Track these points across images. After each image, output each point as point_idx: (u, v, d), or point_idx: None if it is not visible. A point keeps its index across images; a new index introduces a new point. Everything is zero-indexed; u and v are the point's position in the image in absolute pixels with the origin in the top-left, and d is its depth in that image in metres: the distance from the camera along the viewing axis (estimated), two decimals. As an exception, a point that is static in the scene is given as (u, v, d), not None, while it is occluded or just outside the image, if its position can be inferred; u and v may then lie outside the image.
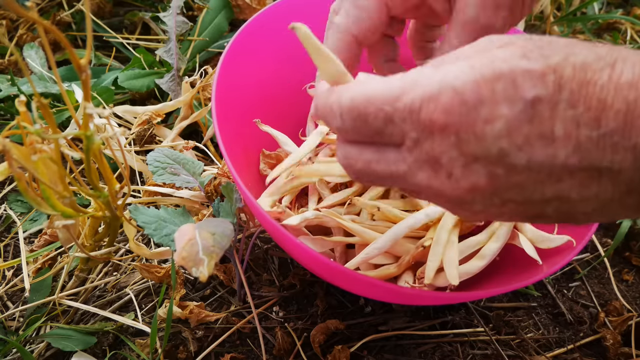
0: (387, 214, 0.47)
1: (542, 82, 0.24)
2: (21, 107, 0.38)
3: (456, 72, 0.26)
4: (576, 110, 0.24)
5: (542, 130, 0.25)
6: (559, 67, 0.24)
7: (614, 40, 0.98)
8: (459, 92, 0.25)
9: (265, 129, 0.53)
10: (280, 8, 0.56)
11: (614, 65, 0.24)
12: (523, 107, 0.24)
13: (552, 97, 0.24)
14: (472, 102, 0.25)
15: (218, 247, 0.37)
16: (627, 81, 0.24)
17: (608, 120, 0.24)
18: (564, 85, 0.24)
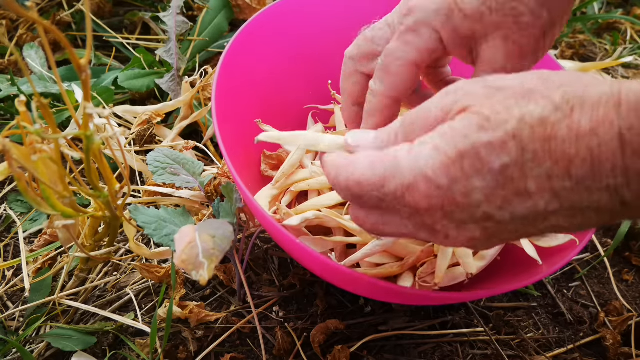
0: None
1: (504, 150, 0.26)
2: (21, 107, 0.38)
3: (426, 158, 0.28)
4: (543, 166, 0.26)
5: (517, 189, 0.27)
6: (517, 131, 0.26)
7: (614, 40, 0.98)
8: (432, 179, 0.28)
9: (266, 129, 0.53)
10: (280, 8, 0.56)
11: (572, 114, 0.25)
12: (493, 176, 0.27)
13: (518, 160, 0.26)
14: (446, 184, 0.27)
15: (218, 250, 0.37)
16: (586, 130, 0.25)
17: (577, 170, 0.25)
18: (526, 147, 0.26)
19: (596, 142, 0.25)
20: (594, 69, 0.88)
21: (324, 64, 0.61)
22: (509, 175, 0.26)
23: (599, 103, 0.25)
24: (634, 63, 0.94)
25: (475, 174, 0.27)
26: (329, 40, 0.60)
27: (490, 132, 0.26)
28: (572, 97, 0.26)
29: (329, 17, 0.60)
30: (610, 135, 0.24)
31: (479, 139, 0.27)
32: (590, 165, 0.25)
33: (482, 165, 0.27)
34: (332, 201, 0.49)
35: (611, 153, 0.24)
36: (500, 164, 0.26)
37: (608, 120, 0.24)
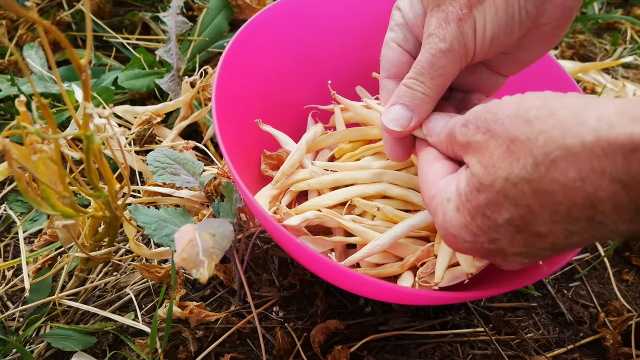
0: (388, 214, 0.47)
1: (502, 208, 0.29)
2: (21, 107, 0.38)
3: (451, 220, 0.33)
4: (543, 216, 0.28)
5: (532, 233, 0.29)
6: (506, 192, 0.29)
7: (614, 40, 0.98)
8: (457, 237, 0.33)
9: (266, 129, 0.53)
10: (280, 8, 0.56)
11: (555, 167, 0.26)
12: (504, 228, 0.30)
13: (517, 214, 0.29)
14: (471, 239, 0.32)
15: (218, 249, 0.37)
16: (576, 180, 0.26)
17: (579, 213, 0.26)
18: (519, 203, 0.28)
19: (591, 188, 0.25)
20: (594, 69, 0.88)
21: (324, 63, 0.61)
22: (517, 225, 0.29)
23: (584, 151, 0.25)
24: (634, 63, 0.94)
25: (490, 229, 0.31)
26: (329, 40, 0.60)
27: (485, 194, 0.30)
28: (554, 147, 0.26)
29: (329, 17, 0.60)
30: (606, 181, 0.25)
31: (479, 201, 0.30)
32: (592, 208, 0.26)
33: (491, 222, 0.30)
34: (332, 201, 0.49)
35: (612, 194, 0.25)
36: (504, 219, 0.29)
37: (597, 167, 0.25)
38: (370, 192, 0.49)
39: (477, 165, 0.31)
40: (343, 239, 0.47)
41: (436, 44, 0.37)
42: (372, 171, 0.49)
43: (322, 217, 0.47)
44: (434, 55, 0.37)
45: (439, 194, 0.34)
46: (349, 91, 0.60)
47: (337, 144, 0.56)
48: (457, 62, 0.38)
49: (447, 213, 0.33)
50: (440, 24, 0.37)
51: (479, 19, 0.36)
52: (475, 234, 0.31)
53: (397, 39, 0.42)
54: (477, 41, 0.37)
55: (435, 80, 0.38)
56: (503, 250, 0.32)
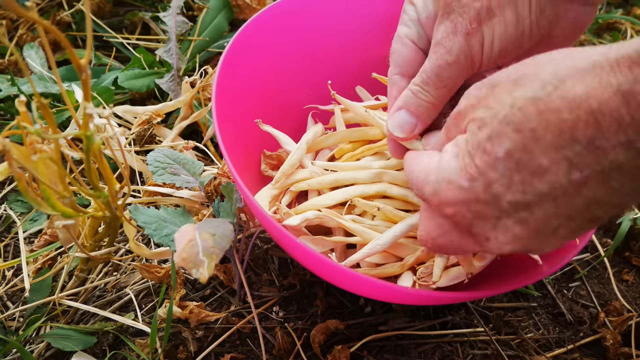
0: (388, 214, 0.47)
1: (503, 138, 0.28)
2: (21, 107, 0.38)
3: (446, 162, 0.31)
4: (546, 140, 0.27)
5: (531, 169, 0.27)
6: (509, 117, 0.27)
7: (614, 40, 0.98)
8: (453, 181, 0.31)
9: (266, 129, 0.53)
10: (280, 8, 0.56)
11: (563, 85, 0.26)
12: (503, 164, 0.28)
13: (519, 143, 0.27)
14: (467, 185, 0.30)
15: (218, 248, 0.37)
16: (582, 95, 0.25)
17: (582, 133, 0.26)
18: (522, 128, 0.27)
19: (595, 103, 0.25)
20: (594, 69, 0.88)
21: (324, 64, 0.61)
22: (517, 159, 0.27)
23: (593, 68, 0.25)
24: (634, 63, 0.94)
25: (488, 168, 0.29)
26: (329, 40, 0.60)
27: (487, 127, 0.28)
28: (562, 69, 0.26)
29: (329, 17, 0.60)
30: (609, 93, 0.24)
31: (480, 137, 0.29)
32: (595, 126, 0.25)
33: (490, 158, 0.28)
34: (332, 201, 0.49)
35: (615, 108, 0.24)
36: (504, 150, 0.28)
37: (604, 80, 0.25)
38: (370, 192, 0.49)
39: (480, 110, 0.30)
40: (343, 239, 0.47)
41: (442, 55, 0.37)
42: (372, 171, 0.49)
43: (322, 217, 0.47)
44: (440, 67, 0.37)
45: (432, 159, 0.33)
46: (348, 91, 0.60)
47: (337, 144, 0.56)
48: (462, 74, 0.38)
49: (442, 164, 0.32)
50: (448, 35, 0.37)
51: (488, 34, 0.36)
52: (472, 177, 0.29)
53: (411, 35, 0.42)
54: (484, 55, 0.37)
55: (440, 90, 0.39)
56: (498, 200, 0.29)
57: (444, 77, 0.38)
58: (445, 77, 0.38)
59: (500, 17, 0.35)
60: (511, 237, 0.30)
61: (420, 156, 0.35)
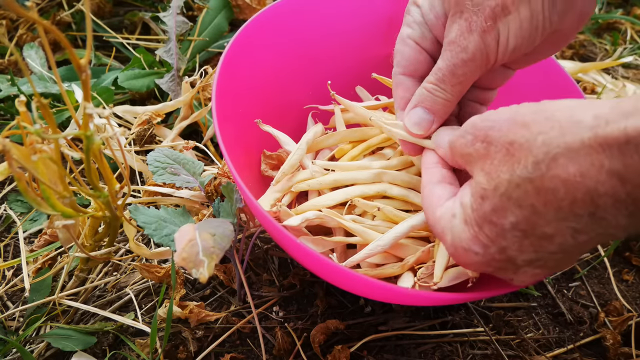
0: (388, 214, 0.47)
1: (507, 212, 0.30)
2: (21, 107, 0.38)
3: (459, 233, 0.33)
4: (548, 215, 0.29)
5: (538, 235, 0.29)
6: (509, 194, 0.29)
7: (614, 40, 0.98)
8: (468, 250, 0.33)
9: (267, 129, 0.53)
10: (280, 8, 0.56)
11: (556, 165, 0.27)
12: (511, 233, 0.30)
13: (522, 216, 0.29)
14: (481, 251, 0.32)
15: (218, 248, 0.37)
16: (576, 176, 0.26)
17: (582, 209, 0.27)
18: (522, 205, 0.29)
19: (591, 183, 0.26)
20: (594, 69, 0.88)
21: (324, 64, 0.61)
22: (523, 228, 0.29)
23: (583, 148, 0.26)
24: (634, 63, 0.94)
25: (498, 237, 0.31)
26: (329, 40, 0.60)
27: (490, 200, 0.30)
28: (554, 146, 0.27)
29: (329, 17, 0.60)
30: (603, 175, 0.25)
31: (485, 208, 0.31)
32: (592, 203, 0.26)
33: (498, 229, 0.30)
34: (332, 201, 0.49)
35: (610, 188, 0.26)
36: (510, 223, 0.30)
37: (596, 162, 0.26)
38: (371, 193, 0.49)
39: (479, 173, 0.31)
40: (343, 239, 0.47)
41: (458, 53, 0.37)
42: (373, 171, 0.49)
43: (323, 217, 0.46)
44: (455, 65, 0.38)
45: (445, 213, 0.35)
46: (349, 91, 0.60)
47: (337, 145, 0.56)
48: (477, 71, 0.38)
49: (454, 229, 0.34)
50: (463, 33, 0.37)
51: (503, 31, 0.36)
52: (485, 245, 0.32)
53: (414, 36, 0.42)
54: (500, 51, 0.37)
55: (455, 87, 0.39)
56: (513, 260, 0.32)
57: (459, 74, 0.38)
58: (461, 75, 0.38)
59: (515, 14, 0.36)
60: (531, 276, 0.33)
61: (433, 201, 0.37)
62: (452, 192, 0.37)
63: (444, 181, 0.38)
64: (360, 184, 0.50)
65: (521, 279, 0.34)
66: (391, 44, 0.52)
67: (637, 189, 0.25)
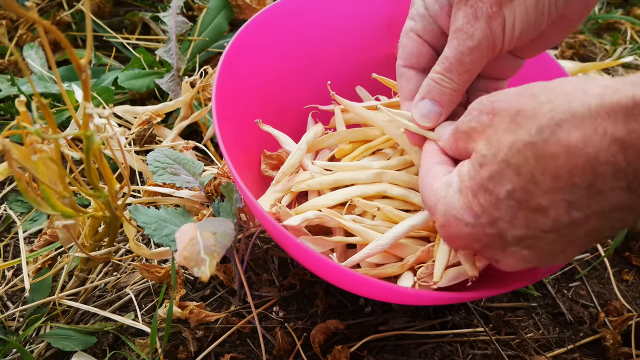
0: (388, 214, 0.47)
1: (504, 179, 0.29)
2: (21, 107, 0.38)
3: (453, 201, 0.33)
4: (545, 184, 0.28)
5: (533, 207, 0.29)
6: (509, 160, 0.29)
7: (614, 40, 0.98)
8: (459, 218, 0.32)
9: (267, 129, 0.53)
10: (280, 8, 0.56)
11: (559, 130, 0.27)
12: (505, 203, 0.29)
13: (519, 184, 0.28)
14: (472, 221, 0.32)
15: (219, 247, 0.37)
16: (578, 142, 0.26)
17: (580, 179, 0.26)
18: (521, 171, 0.28)
19: (592, 150, 0.26)
20: (594, 69, 0.88)
21: (324, 64, 0.61)
22: (519, 199, 0.29)
23: (589, 114, 0.26)
24: (634, 63, 0.94)
25: (491, 206, 0.30)
26: (329, 40, 0.60)
27: (488, 166, 0.30)
28: (559, 112, 0.27)
29: (329, 17, 0.60)
30: (605, 142, 0.25)
31: (482, 176, 0.30)
32: (593, 172, 0.26)
33: (492, 197, 0.30)
34: (332, 201, 0.49)
35: (611, 156, 0.25)
36: (506, 191, 0.29)
37: (600, 128, 0.25)
38: (371, 193, 0.49)
39: (481, 142, 0.31)
40: (343, 239, 0.47)
41: (464, 40, 0.37)
42: (373, 171, 0.49)
43: (323, 217, 0.46)
44: (462, 53, 0.37)
45: (441, 186, 0.34)
46: (349, 91, 0.60)
47: (337, 145, 0.56)
48: (484, 58, 0.38)
49: (448, 197, 0.33)
50: (469, 21, 0.37)
51: (509, 16, 0.36)
52: (477, 214, 0.31)
53: (417, 29, 0.42)
54: (506, 38, 0.37)
55: (462, 76, 0.39)
56: (503, 235, 0.31)
57: (466, 62, 0.38)
58: (467, 63, 0.38)
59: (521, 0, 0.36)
60: (520, 259, 0.32)
61: (429, 177, 0.36)
62: (450, 170, 0.36)
63: (443, 163, 0.38)
64: (360, 184, 0.50)
65: (508, 261, 0.33)
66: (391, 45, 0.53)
67: (637, 158, 0.25)
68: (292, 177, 0.52)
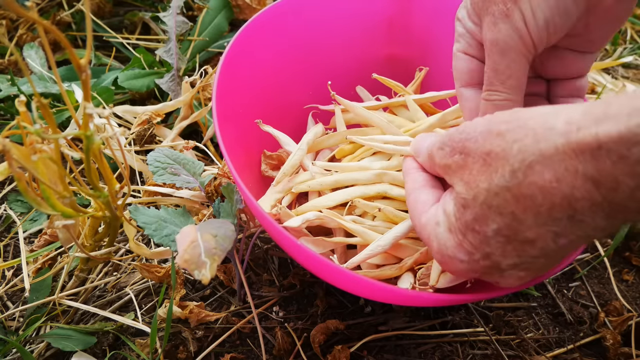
0: (389, 215, 0.47)
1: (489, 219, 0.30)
2: (21, 107, 0.38)
3: (444, 241, 0.34)
4: (528, 221, 0.29)
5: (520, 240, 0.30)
6: (489, 202, 0.30)
7: (614, 40, 0.98)
8: (453, 257, 0.34)
9: (267, 129, 0.53)
10: (280, 8, 0.56)
11: (532, 172, 0.27)
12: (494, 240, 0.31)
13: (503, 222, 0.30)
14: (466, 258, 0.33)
15: (220, 249, 0.37)
16: (553, 182, 0.27)
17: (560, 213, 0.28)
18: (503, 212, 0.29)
19: (567, 188, 0.26)
20: (594, 69, 0.88)
21: (324, 64, 0.61)
22: (506, 234, 0.30)
23: (557, 154, 0.26)
24: (634, 63, 0.94)
25: (481, 243, 0.31)
26: (329, 40, 0.60)
27: (471, 209, 0.31)
28: (529, 154, 0.27)
29: (330, 17, 0.60)
30: (579, 180, 0.26)
31: (467, 217, 0.31)
32: (570, 207, 0.27)
33: (481, 236, 0.31)
34: (332, 202, 0.49)
35: (586, 192, 0.26)
36: (492, 230, 0.30)
37: (571, 167, 0.26)
38: (371, 193, 0.49)
39: (459, 183, 0.32)
40: (343, 240, 0.47)
41: (492, 48, 0.37)
42: (373, 172, 0.49)
43: (323, 218, 0.46)
44: (495, 62, 0.38)
45: (430, 220, 0.35)
46: (349, 91, 0.60)
47: (337, 145, 0.56)
48: (520, 58, 0.37)
49: (439, 236, 0.34)
50: (490, 28, 0.37)
51: (526, 8, 0.35)
52: (469, 252, 0.32)
53: (461, 49, 0.43)
54: (531, 30, 0.36)
55: (507, 83, 0.38)
56: (498, 265, 0.32)
57: (502, 69, 0.38)
58: (505, 69, 0.37)
59: None
60: (517, 279, 0.33)
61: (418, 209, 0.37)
62: (436, 196, 0.37)
63: (427, 185, 0.38)
64: (360, 184, 0.50)
65: (508, 282, 0.34)
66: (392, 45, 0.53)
67: (611, 192, 0.25)
68: (292, 178, 0.52)
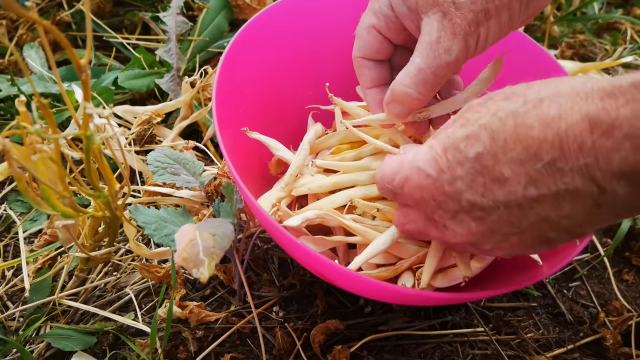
0: (387, 215, 0.47)
1: (477, 141, 0.30)
2: (21, 107, 0.38)
3: (421, 155, 0.34)
4: (514, 152, 0.29)
5: (494, 176, 0.30)
6: (488, 124, 0.30)
7: (614, 40, 0.98)
8: (423, 170, 0.33)
9: (255, 137, 0.52)
10: (280, 8, 0.56)
11: (541, 105, 0.28)
12: (471, 164, 0.31)
13: (490, 149, 0.30)
14: (435, 174, 0.33)
15: (219, 248, 0.37)
16: (554, 115, 0.28)
17: (546, 152, 0.28)
18: (496, 136, 0.30)
19: (564, 125, 0.27)
20: (594, 69, 0.88)
21: (324, 64, 0.61)
22: (485, 163, 0.30)
23: (570, 94, 0.28)
24: (634, 63, 0.94)
25: (457, 164, 0.31)
26: (329, 40, 0.60)
27: (468, 127, 0.31)
28: (547, 91, 0.29)
29: (329, 17, 0.60)
30: (577, 117, 0.27)
31: (458, 134, 0.32)
32: (559, 147, 0.27)
33: (461, 156, 0.31)
34: (332, 204, 0.49)
35: (579, 133, 0.27)
36: (475, 152, 0.30)
37: (576, 106, 0.27)
38: (371, 194, 0.49)
39: (469, 112, 0.33)
40: (343, 239, 0.47)
41: (441, 55, 0.38)
42: (373, 172, 0.49)
43: (323, 216, 0.46)
44: (439, 66, 0.39)
45: (406, 154, 0.36)
46: (349, 91, 0.60)
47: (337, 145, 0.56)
48: (455, 70, 0.40)
49: (418, 149, 0.35)
50: (447, 35, 0.38)
51: (483, 33, 0.38)
52: (440, 169, 0.32)
53: (379, 27, 0.44)
54: (477, 51, 0.40)
55: (435, 87, 0.41)
56: (459, 196, 0.32)
57: (441, 75, 0.39)
58: (443, 75, 0.40)
59: (496, 19, 0.37)
60: (466, 230, 0.33)
61: (396, 156, 0.38)
62: None
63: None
64: (360, 185, 0.50)
65: (456, 230, 0.34)
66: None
67: (602, 137, 0.26)
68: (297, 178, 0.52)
